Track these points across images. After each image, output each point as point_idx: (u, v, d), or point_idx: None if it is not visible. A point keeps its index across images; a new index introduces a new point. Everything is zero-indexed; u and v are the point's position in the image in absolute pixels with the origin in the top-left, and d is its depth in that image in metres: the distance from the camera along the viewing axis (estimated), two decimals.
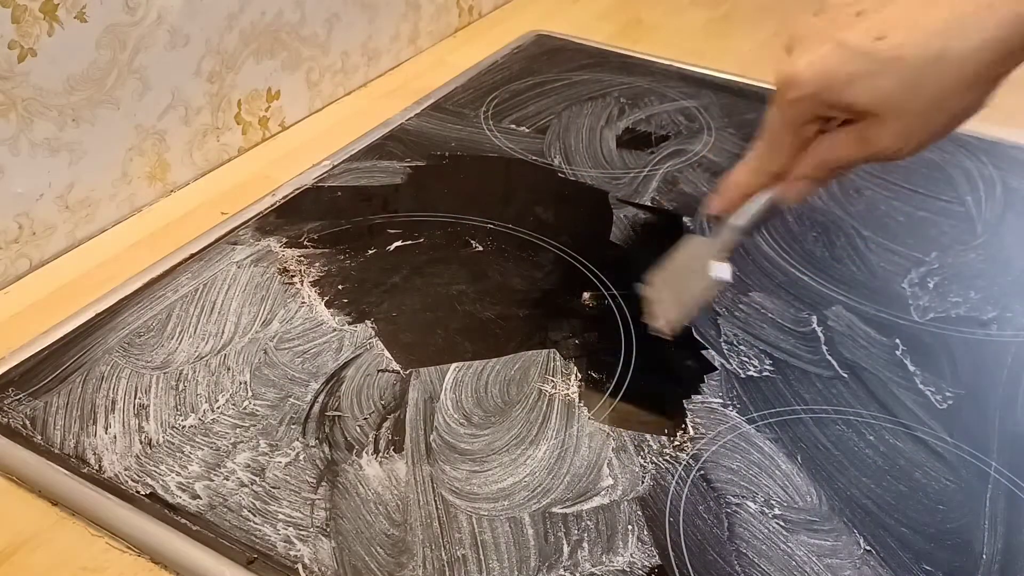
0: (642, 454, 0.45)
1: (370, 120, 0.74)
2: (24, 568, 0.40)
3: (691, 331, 0.53)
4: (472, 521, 0.41)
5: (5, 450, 0.44)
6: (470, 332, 0.52)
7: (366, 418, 0.47)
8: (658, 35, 0.94)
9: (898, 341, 0.53)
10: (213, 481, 0.43)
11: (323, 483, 0.43)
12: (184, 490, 0.42)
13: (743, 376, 0.50)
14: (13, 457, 0.44)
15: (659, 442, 0.46)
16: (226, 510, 0.41)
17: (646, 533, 0.41)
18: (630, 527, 0.42)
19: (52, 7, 0.53)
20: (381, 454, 0.45)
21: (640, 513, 0.42)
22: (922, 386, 0.50)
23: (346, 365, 0.50)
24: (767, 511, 0.43)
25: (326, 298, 0.54)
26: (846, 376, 0.50)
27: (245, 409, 0.47)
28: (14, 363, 0.49)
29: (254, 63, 0.69)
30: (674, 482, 0.44)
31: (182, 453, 0.44)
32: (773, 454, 0.46)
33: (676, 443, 0.46)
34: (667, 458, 0.45)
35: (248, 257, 0.58)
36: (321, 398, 0.48)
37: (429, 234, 0.61)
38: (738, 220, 0.46)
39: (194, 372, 0.49)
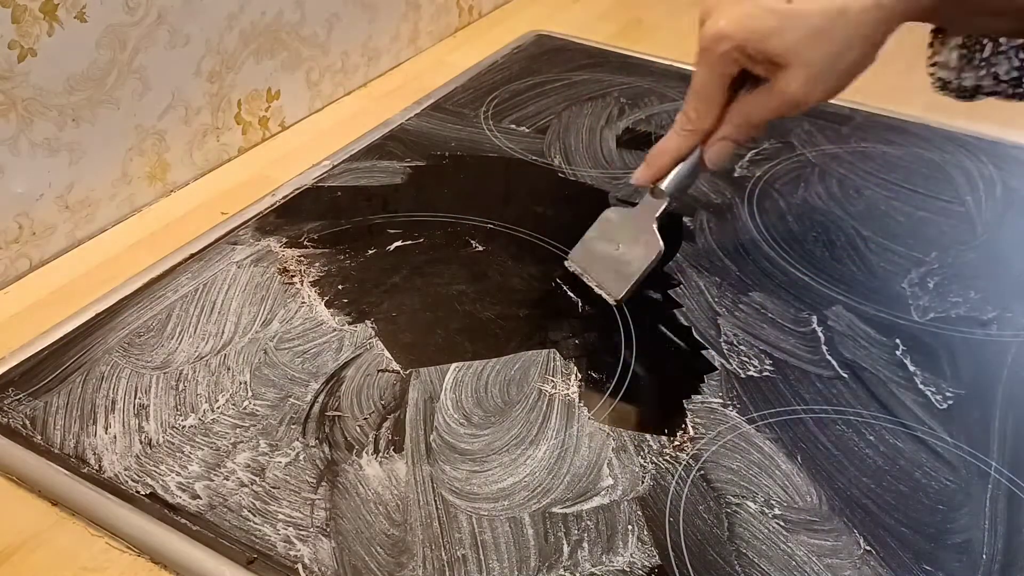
0: (642, 454, 0.45)
1: (370, 120, 0.74)
2: (24, 568, 0.40)
3: (691, 331, 0.53)
4: (472, 521, 0.41)
5: (5, 450, 0.44)
6: (470, 332, 0.52)
7: (366, 418, 0.46)
8: (658, 35, 0.94)
9: (898, 341, 0.53)
10: (213, 481, 0.43)
11: (323, 483, 0.43)
12: (184, 490, 0.42)
13: (743, 376, 0.50)
14: (13, 457, 0.44)
15: (659, 442, 0.46)
16: (226, 510, 0.41)
17: (646, 533, 0.41)
18: (630, 527, 0.42)
19: (52, 7, 0.53)
20: (381, 454, 0.45)
21: (640, 513, 0.42)
22: (922, 386, 0.50)
23: (346, 365, 0.50)
24: (767, 511, 0.43)
25: (326, 298, 0.54)
26: (846, 376, 0.50)
27: (245, 409, 0.47)
28: (14, 363, 0.49)
29: (254, 63, 0.69)
30: (674, 482, 0.44)
31: (182, 453, 0.44)
32: (773, 454, 0.46)
33: (676, 443, 0.46)
34: (667, 458, 0.45)
35: (248, 257, 0.58)
36: (321, 398, 0.48)
37: (429, 234, 0.61)
38: (666, 185, 0.52)
39: (194, 372, 0.49)
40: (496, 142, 0.72)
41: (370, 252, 0.59)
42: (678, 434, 0.46)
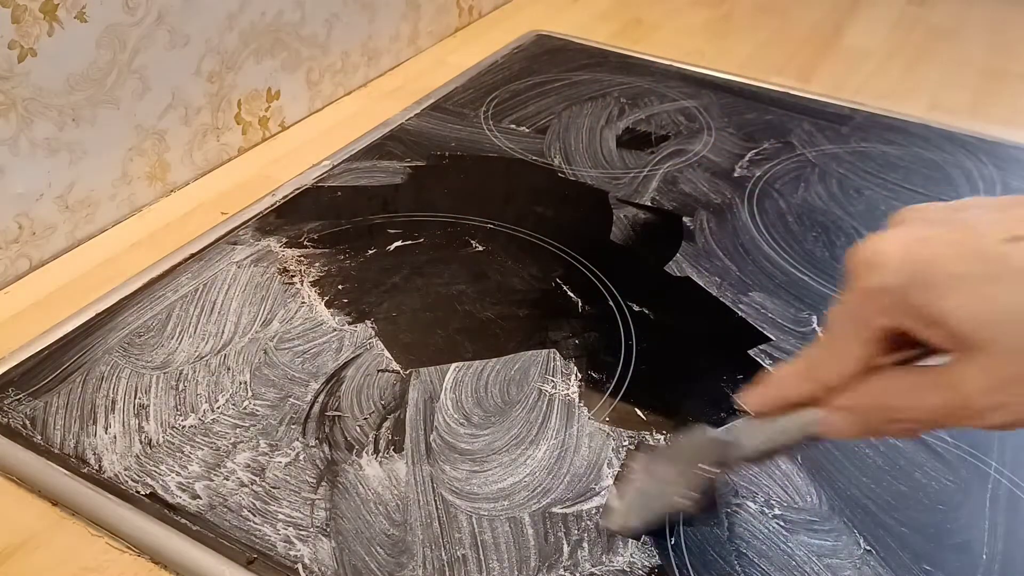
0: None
1: (370, 120, 0.74)
2: (24, 568, 0.40)
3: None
4: (472, 521, 0.41)
5: (5, 450, 0.44)
6: (470, 332, 0.52)
7: (366, 418, 0.46)
8: (658, 35, 0.94)
9: None
10: (213, 481, 0.43)
11: (323, 483, 0.43)
12: (184, 490, 0.42)
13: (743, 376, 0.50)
14: (13, 457, 0.44)
15: (659, 442, 0.46)
16: (226, 510, 0.41)
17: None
18: None
19: (52, 7, 0.53)
20: (381, 454, 0.45)
21: None
22: None
23: (346, 365, 0.50)
24: (767, 511, 0.43)
25: (326, 298, 0.54)
26: None
27: (245, 409, 0.47)
28: (14, 363, 0.49)
29: (254, 63, 0.69)
30: None
31: (182, 453, 0.44)
32: None
33: None
34: None
35: (248, 257, 0.58)
36: (321, 398, 0.48)
37: (429, 234, 0.61)
38: (762, 434, 0.36)
39: (194, 372, 0.49)
40: (496, 142, 0.72)
41: (370, 252, 0.59)
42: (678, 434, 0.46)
